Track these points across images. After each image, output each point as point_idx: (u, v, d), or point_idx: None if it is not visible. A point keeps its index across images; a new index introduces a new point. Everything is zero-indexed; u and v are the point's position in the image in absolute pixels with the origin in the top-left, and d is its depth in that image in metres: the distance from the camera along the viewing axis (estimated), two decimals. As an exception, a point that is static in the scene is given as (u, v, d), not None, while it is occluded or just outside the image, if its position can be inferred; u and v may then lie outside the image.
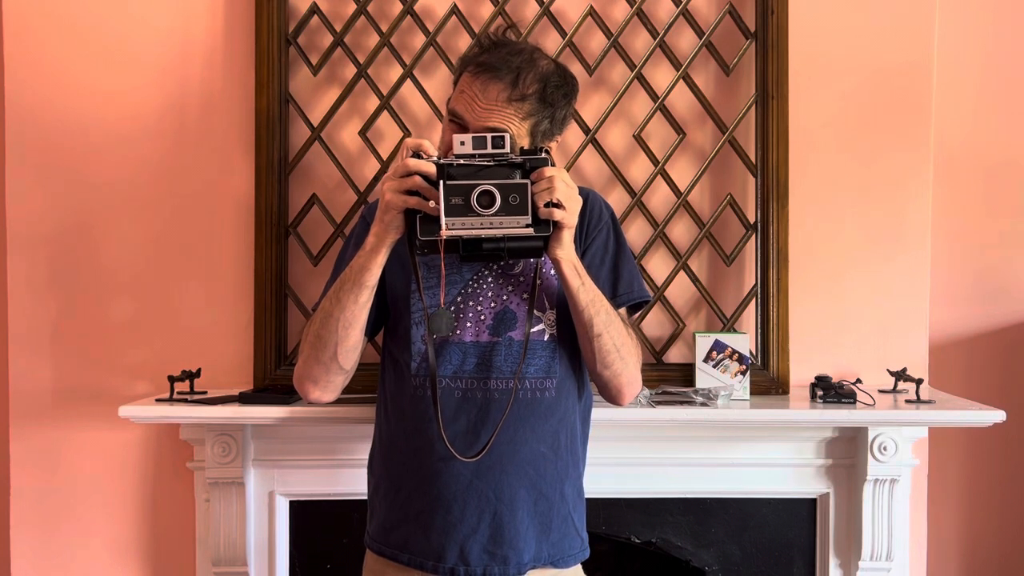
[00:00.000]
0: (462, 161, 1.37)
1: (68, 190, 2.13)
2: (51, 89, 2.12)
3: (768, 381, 2.04)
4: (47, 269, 2.13)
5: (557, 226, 1.38)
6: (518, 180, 1.36)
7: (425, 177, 1.37)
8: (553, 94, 1.50)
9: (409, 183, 1.37)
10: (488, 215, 1.34)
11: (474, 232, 1.35)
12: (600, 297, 1.47)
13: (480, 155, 1.38)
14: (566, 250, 1.41)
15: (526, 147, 1.49)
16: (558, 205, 1.36)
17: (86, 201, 2.13)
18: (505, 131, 1.44)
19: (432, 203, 1.35)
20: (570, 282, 1.43)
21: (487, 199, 1.34)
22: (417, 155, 1.39)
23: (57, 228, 2.13)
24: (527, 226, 1.35)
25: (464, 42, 2.08)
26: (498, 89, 1.46)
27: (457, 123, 1.50)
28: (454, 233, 1.35)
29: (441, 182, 1.34)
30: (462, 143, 1.38)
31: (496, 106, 1.46)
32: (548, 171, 1.36)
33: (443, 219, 1.34)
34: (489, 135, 1.38)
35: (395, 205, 1.38)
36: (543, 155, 1.39)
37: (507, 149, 1.38)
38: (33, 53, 2.12)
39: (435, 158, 1.39)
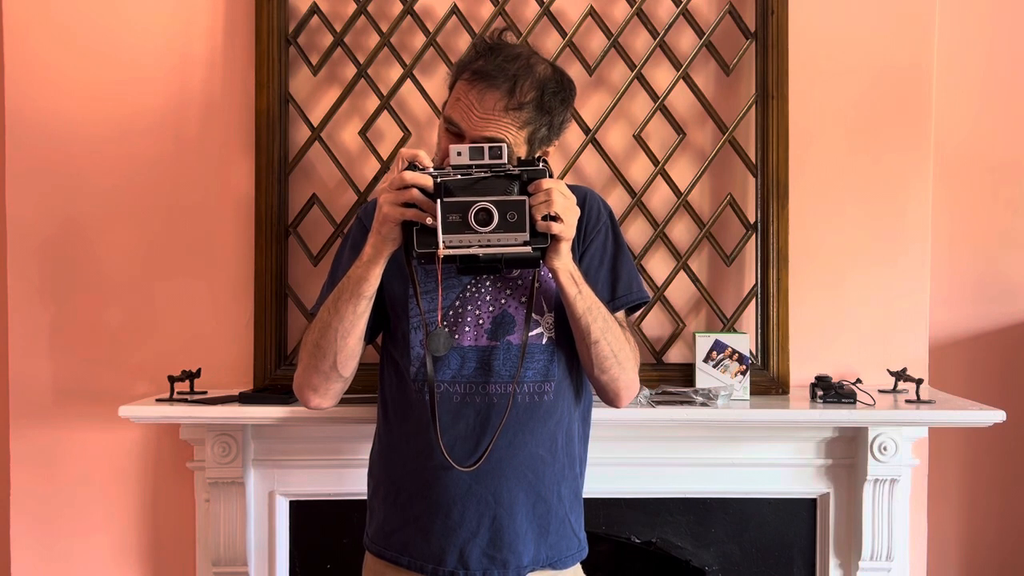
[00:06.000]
0: (459, 175, 1.36)
1: (68, 190, 2.13)
2: (51, 91, 2.12)
3: (768, 381, 2.04)
4: (47, 269, 2.13)
5: (555, 238, 1.36)
6: (516, 197, 1.35)
7: (422, 190, 1.36)
8: (550, 101, 1.49)
9: (406, 196, 1.36)
10: (485, 232, 1.33)
11: (472, 250, 1.34)
12: (597, 304, 1.46)
13: (477, 166, 1.37)
14: (563, 260, 1.40)
15: (524, 155, 1.49)
16: (556, 218, 1.35)
17: (86, 201, 2.13)
18: (502, 141, 1.43)
19: (429, 219, 1.34)
20: (567, 291, 1.43)
21: (484, 216, 1.33)
22: (413, 166, 1.38)
23: (57, 228, 2.13)
24: (524, 243, 1.35)
25: (464, 42, 2.08)
26: (495, 98, 1.45)
27: (453, 131, 1.49)
28: (452, 251, 1.34)
29: (439, 201, 1.33)
30: (459, 153, 1.37)
31: (493, 115, 1.45)
32: (546, 183, 1.35)
33: (440, 238, 1.33)
34: (486, 145, 1.37)
35: (392, 218, 1.37)
36: (540, 166, 1.38)
37: (504, 159, 1.37)
38: (33, 56, 2.12)
39: (431, 169, 1.38)
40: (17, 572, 2.16)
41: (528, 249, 1.35)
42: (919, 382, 1.95)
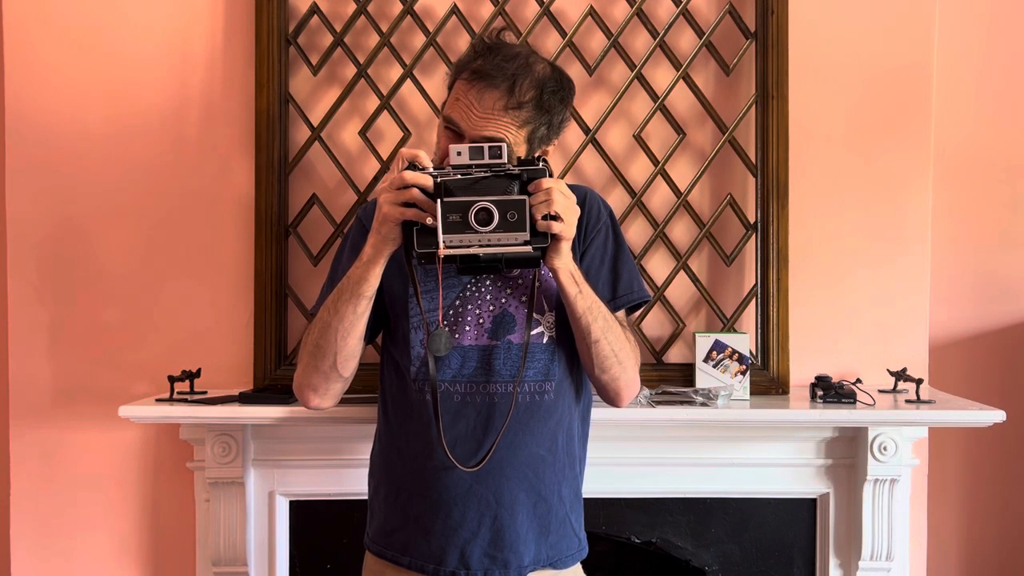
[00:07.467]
0: (459, 175, 1.36)
1: (68, 190, 2.13)
2: (51, 91, 2.12)
3: (768, 381, 2.04)
4: (47, 269, 2.13)
5: (555, 238, 1.36)
6: (516, 196, 1.35)
7: (422, 189, 1.36)
8: (550, 100, 1.49)
9: (406, 196, 1.36)
10: (486, 232, 1.33)
11: (472, 250, 1.34)
12: (598, 303, 1.46)
13: (477, 166, 1.37)
14: (564, 259, 1.40)
15: (523, 154, 1.49)
16: (556, 217, 1.35)
17: (86, 201, 2.13)
18: (502, 140, 1.43)
19: (429, 219, 1.34)
20: (568, 290, 1.43)
21: (485, 216, 1.33)
22: (413, 166, 1.38)
23: (57, 228, 2.13)
24: (525, 243, 1.34)
25: (464, 42, 2.08)
26: (494, 97, 1.45)
27: (453, 130, 1.49)
28: (452, 251, 1.34)
29: (439, 200, 1.33)
30: (459, 153, 1.37)
31: (492, 115, 1.45)
32: (546, 183, 1.35)
33: (440, 237, 1.33)
34: (486, 145, 1.37)
35: (392, 218, 1.37)
36: (540, 165, 1.38)
37: (504, 159, 1.37)
38: (33, 55, 2.12)
39: (430, 169, 1.38)
40: (17, 572, 2.16)
41: (528, 249, 1.35)
42: (919, 382, 1.95)
